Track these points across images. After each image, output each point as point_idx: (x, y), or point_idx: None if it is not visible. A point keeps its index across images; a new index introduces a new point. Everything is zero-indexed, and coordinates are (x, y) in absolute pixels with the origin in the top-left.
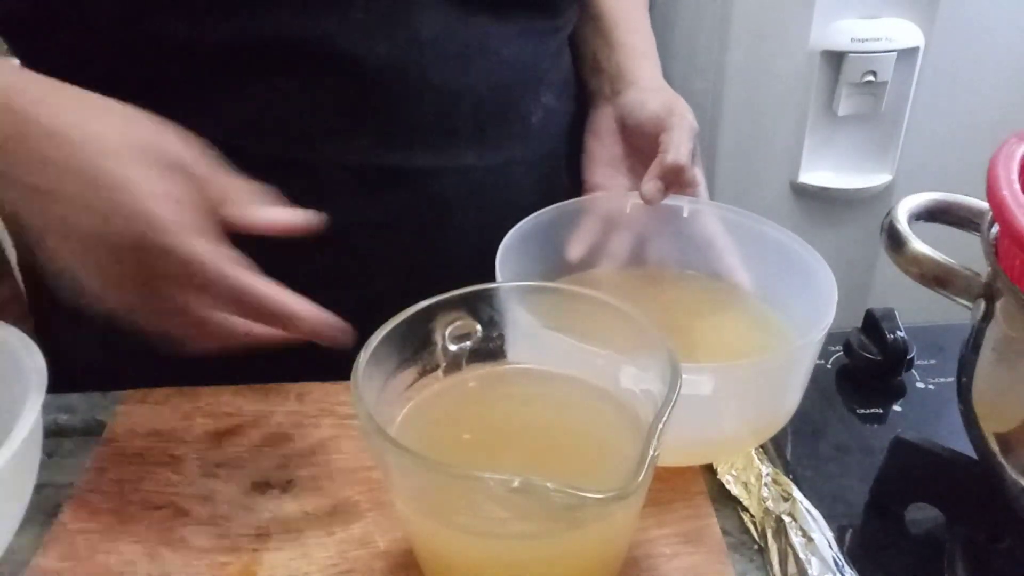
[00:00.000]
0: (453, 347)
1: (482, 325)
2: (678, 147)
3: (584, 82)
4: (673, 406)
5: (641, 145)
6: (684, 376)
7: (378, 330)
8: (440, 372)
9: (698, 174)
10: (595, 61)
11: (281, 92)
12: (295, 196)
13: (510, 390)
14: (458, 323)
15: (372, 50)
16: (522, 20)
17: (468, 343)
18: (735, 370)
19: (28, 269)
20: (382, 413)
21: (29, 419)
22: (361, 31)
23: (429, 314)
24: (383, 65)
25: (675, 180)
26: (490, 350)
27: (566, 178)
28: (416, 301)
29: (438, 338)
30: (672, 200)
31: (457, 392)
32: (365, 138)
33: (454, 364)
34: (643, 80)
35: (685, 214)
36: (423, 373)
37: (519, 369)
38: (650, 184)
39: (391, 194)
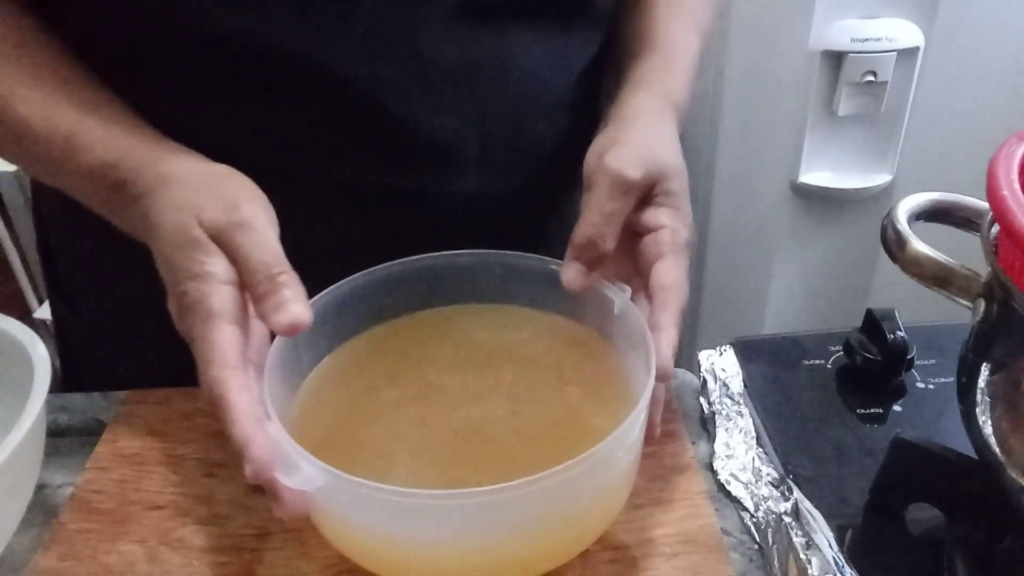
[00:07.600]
0: None
1: None
2: (596, 212)
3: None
4: None
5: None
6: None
7: None
8: None
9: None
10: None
11: (277, 105)
12: (290, 210)
13: None
14: None
15: (371, 69)
16: (538, 39)
17: None
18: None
19: (50, 263)
20: None
21: (30, 417)
22: (360, 48)
23: None
24: (382, 85)
25: (595, 258)
26: None
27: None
28: None
29: None
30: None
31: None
32: (362, 157)
33: None
34: (622, 112)
35: (616, 311)
36: None
37: None
38: (568, 268)
39: (388, 214)
